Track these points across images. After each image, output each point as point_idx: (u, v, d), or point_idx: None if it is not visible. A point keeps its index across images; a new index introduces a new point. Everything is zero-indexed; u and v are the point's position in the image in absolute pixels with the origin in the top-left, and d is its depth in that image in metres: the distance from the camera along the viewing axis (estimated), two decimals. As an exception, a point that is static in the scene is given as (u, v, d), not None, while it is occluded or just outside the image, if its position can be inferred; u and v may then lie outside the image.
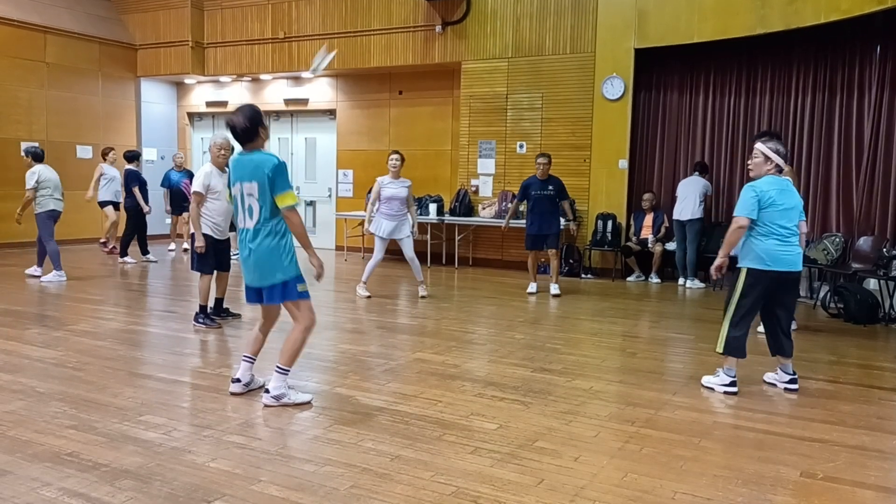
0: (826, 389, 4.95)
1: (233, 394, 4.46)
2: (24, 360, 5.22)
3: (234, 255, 6.89)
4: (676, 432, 4.00)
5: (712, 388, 4.81)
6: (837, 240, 8.66)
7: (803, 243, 4.98)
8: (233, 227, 7.00)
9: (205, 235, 6.31)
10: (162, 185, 12.18)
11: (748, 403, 4.59)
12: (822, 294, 8.21)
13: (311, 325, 4.35)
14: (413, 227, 8.25)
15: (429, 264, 10.75)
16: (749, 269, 4.70)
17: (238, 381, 4.49)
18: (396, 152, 8.26)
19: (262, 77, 13.51)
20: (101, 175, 11.56)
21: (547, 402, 4.49)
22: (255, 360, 4.53)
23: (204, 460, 3.45)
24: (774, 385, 4.88)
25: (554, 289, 8.70)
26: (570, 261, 10.48)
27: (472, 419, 4.13)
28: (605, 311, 7.79)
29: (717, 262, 4.83)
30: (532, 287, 8.85)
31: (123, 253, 10.90)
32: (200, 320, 6.50)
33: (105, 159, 11.63)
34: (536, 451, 3.66)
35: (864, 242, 8.38)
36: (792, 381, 4.87)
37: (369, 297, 8.22)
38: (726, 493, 3.22)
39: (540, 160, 8.65)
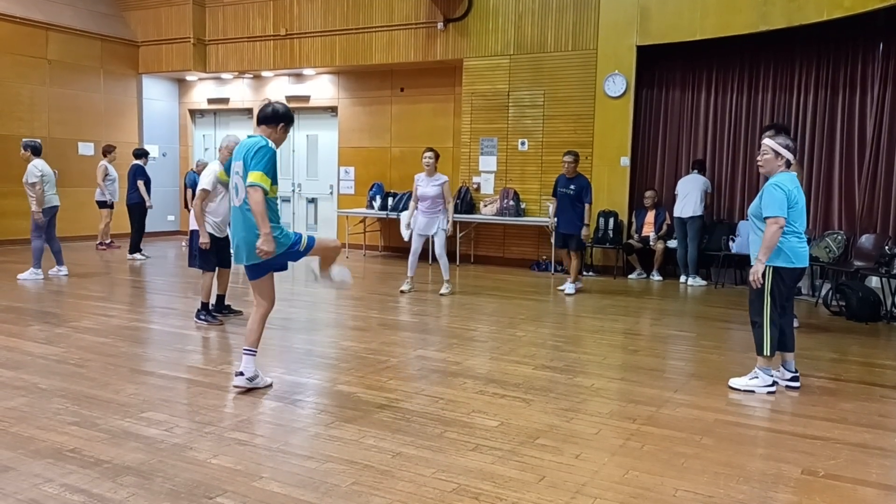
0: (828, 387, 4.94)
1: (236, 387, 4.44)
2: (26, 357, 5.23)
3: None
4: (678, 430, 4.01)
5: (753, 391, 4.73)
6: (839, 237, 8.65)
7: None
8: None
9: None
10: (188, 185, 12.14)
11: (750, 401, 4.59)
12: (823, 292, 8.20)
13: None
14: (447, 222, 8.27)
15: (430, 262, 10.75)
16: (776, 268, 4.69)
17: (241, 374, 4.46)
18: (430, 150, 8.24)
19: (264, 74, 13.50)
20: (107, 175, 11.58)
21: (548, 399, 4.50)
22: (256, 351, 4.50)
23: (205, 457, 3.46)
24: (776, 383, 4.88)
25: (568, 287, 8.66)
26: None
27: (474, 416, 4.13)
28: (607, 309, 7.79)
29: (760, 268, 4.66)
30: (566, 286, 8.78)
31: (133, 250, 10.95)
32: (202, 317, 6.50)
33: (105, 157, 11.66)
34: (537, 449, 3.66)
35: (865, 240, 8.38)
36: (794, 379, 4.87)
37: (402, 291, 8.33)
38: (728, 491, 3.22)
39: (565, 158, 8.62)
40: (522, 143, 10.97)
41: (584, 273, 10.26)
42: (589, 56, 10.33)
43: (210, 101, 14.47)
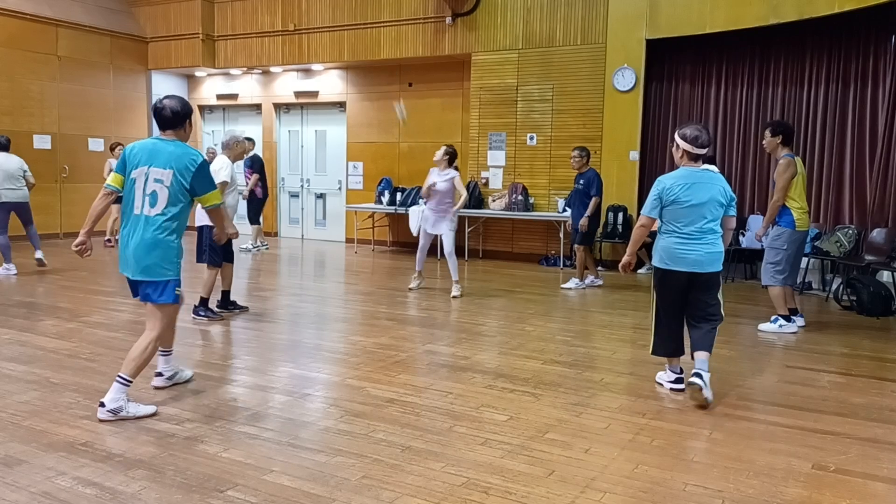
0: (838, 382, 4.92)
1: (156, 388, 4.37)
2: (38, 351, 5.27)
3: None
4: (687, 424, 4.00)
5: (661, 384, 4.67)
6: (850, 232, 8.59)
7: (727, 241, 4.53)
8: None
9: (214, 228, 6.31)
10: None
11: (758, 395, 4.58)
12: (834, 286, 8.16)
13: (162, 336, 4.09)
14: (454, 216, 7.94)
15: (438, 256, 10.74)
16: (655, 268, 4.53)
17: (160, 374, 4.44)
18: (445, 146, 8.05)
19: (273, 69, 13.52)
20: (111, 170, 11.69)
21: (557, 393, 4.50)
22: (171, 351, 4.46)
23: (216, 450, 3.48)
24: (661, 385, 4.66)
25: (569, 283, 8.63)
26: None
27: (483, 411, 4.14)
28: (616, 303, 7.77)
29: (624, 259, 4.63)
30: (587, 280, 8.75)
31: None
32: (202, 313, 6.49)
33: (113, 153, 11.76)
34: (547, 443, 3.66)
35: (877, 234, 8.31)
36: (677, 381, 4.59)
37: (411, 288, 8.17)
38: (737, 485, 3.21)
39: (572, 153, 8.61)
40: (531, 138, 10.94)
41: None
42: (598, 50, 10.29)
43: (219, 96, 14.51)
